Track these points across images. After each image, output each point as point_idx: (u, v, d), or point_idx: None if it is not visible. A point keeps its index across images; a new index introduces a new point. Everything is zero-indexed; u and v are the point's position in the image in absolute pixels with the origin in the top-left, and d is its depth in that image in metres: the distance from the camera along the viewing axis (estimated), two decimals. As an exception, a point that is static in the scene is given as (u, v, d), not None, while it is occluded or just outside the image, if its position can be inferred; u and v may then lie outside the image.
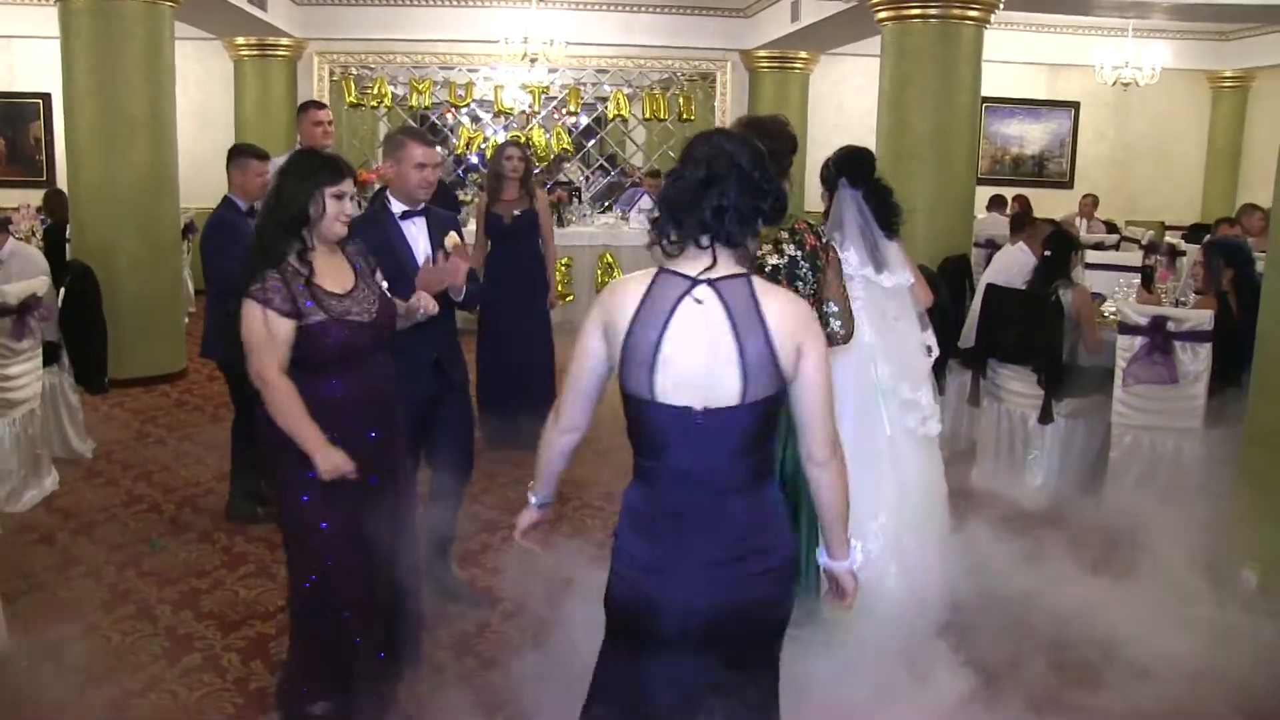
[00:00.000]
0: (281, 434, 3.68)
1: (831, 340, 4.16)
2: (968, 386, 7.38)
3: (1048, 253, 7.01)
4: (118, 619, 4.98)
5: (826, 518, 2.85)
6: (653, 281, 2.70)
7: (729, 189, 2.64)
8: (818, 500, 2.83)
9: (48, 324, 6.83)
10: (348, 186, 3.78)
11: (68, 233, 9.96)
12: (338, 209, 3.75)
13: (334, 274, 3.82)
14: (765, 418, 2.71)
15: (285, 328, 3.65)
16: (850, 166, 5.25)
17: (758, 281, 2.69)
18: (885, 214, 5.13)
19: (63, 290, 7.19)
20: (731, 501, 2.73)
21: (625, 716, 2.89)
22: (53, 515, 6.35)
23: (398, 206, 4.91)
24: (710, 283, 2.65)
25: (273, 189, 3.81)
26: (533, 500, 3.17)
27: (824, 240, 4.34)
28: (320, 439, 3.65)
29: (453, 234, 4.89)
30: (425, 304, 4.35)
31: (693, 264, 2.68)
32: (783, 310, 2.66)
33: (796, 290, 4.14)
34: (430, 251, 4.86)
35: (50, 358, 7.04)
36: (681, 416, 2.66)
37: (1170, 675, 4.44)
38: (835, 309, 4.29)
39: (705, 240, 2.67)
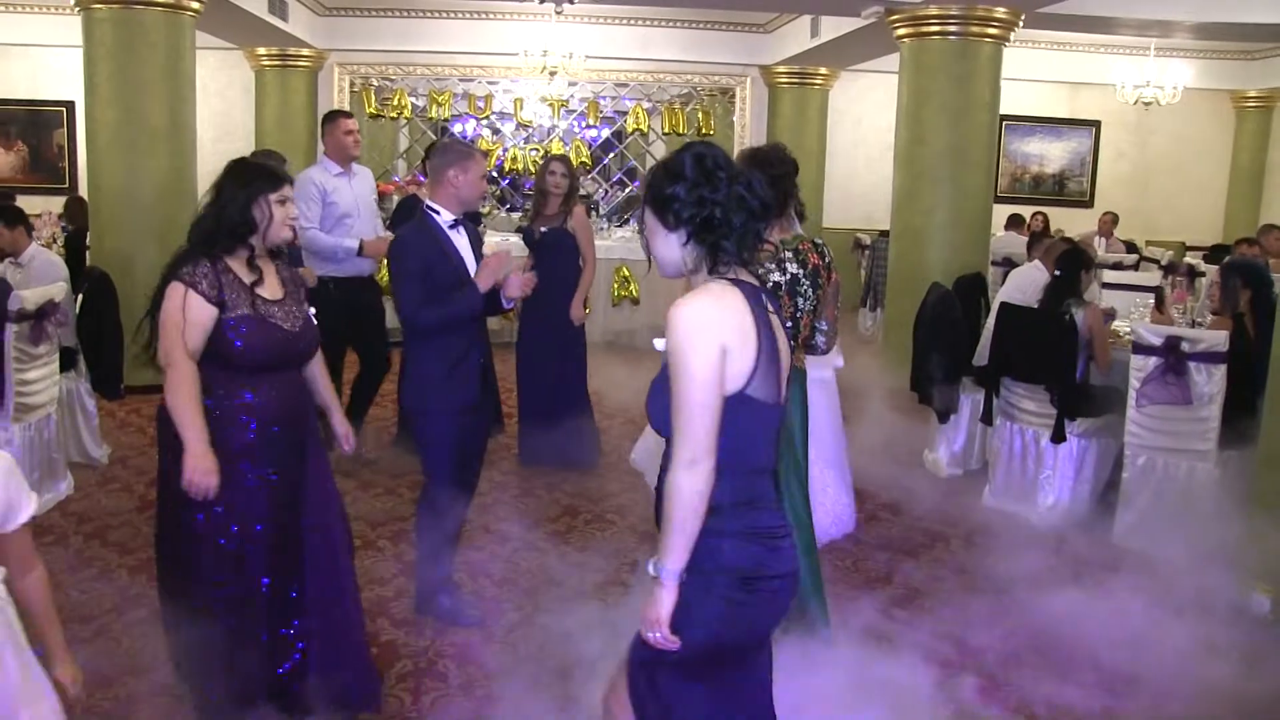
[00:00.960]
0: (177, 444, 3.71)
1: (812, 351, 4.70)
2: (981, 405, 7.36)
3: (1058, 271, 7.01)
4: (129, 623, 5.01)
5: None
6: (740, 289, 2.70)
7: (746, 221, 2.72)
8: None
9: (65, 329, 6.88)
10: (288, 192, 3.87)
11: (87, 240, 10.01)
12: (283, 214, 3.83)
13: (269, 283, 3.91)
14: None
15: (205, 314, 3.69)
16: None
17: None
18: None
19: (80, 296, 7.23)
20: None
21: None
22: (67, 519, 6.39)
23: (446, 216, 4.97)
24: (760, 289, 2.76)
25: (214, 196, 3.85)
26: (670, 571, 2.69)
27: (827, 260, 4.56)
28: (202, 439, 3.68)
29: (488, 242, 4.99)
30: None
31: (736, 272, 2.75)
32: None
33: (796, 306, 4.42)
34: (475, 259, 5.00)
35: (67, 363, 7.08)
36: (778, 414, 2.78)
37: (1179, 695, 4.43)
38: (825, 327, 4.68)
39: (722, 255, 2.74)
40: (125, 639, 4.83)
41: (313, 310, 4.10)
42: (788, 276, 4.44)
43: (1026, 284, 7.62)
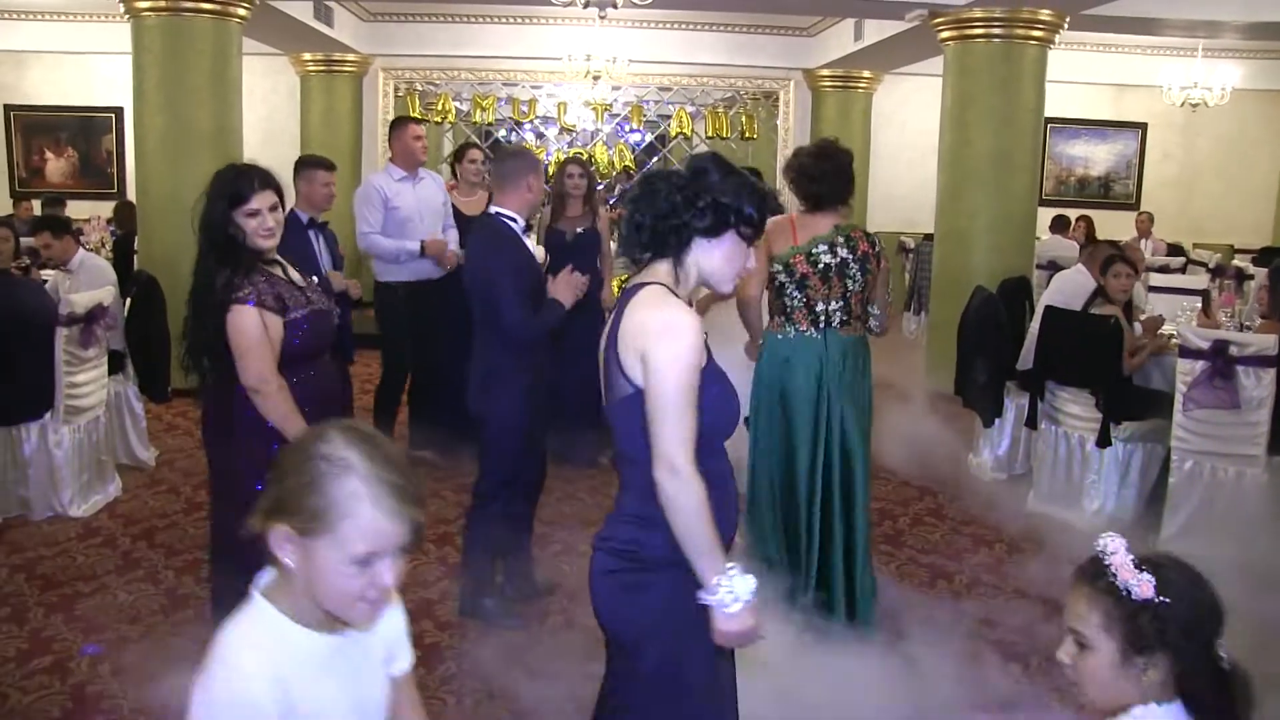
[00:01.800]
0: (256, 449, 3.75)
1: (868, 332, 5.10)
2: (1025, 409, 7.32)
3: (1088, 277, 7.03)
4: (175, 622, 5.07)
5: (686, 549, 2.68)
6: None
7: (646, 208, 2.79)
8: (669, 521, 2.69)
9: (113, 333, 6.95)
10: (258, 202, 3.84)
11: (135, 244, 10.11)
12: (256, 225, 3.83)
13: (292, 270, 4.02)
14: (634, 416, 2.71)
15: (276, 327, 3.79)
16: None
17: (646, 290, 2.78)
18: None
19: (128, 300, 7.30)
20: (620, 493, 2.88)
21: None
22: (115, 520, 6.47)
23: (520, 223, 5.05)
24: (625, 289, 2.85)
25: (200, 216, 3.88)
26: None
27: (877, 249, 4.98)
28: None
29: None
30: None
31: (638, 277, 2.87)
32: (639, 315, 2.72)
33: (846, 287, 4.83)
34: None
35: (115, 366, 7.16)
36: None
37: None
38: (877, 311, 5.11)
39: (642, 256, 2.87)
40: (173, 639, 4.87)
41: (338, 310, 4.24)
42: (837, 260, 4.86)
43: (1068, 288, 7.57)
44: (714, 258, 2.79)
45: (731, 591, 2.65)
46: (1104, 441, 6.67)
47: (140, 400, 7.47)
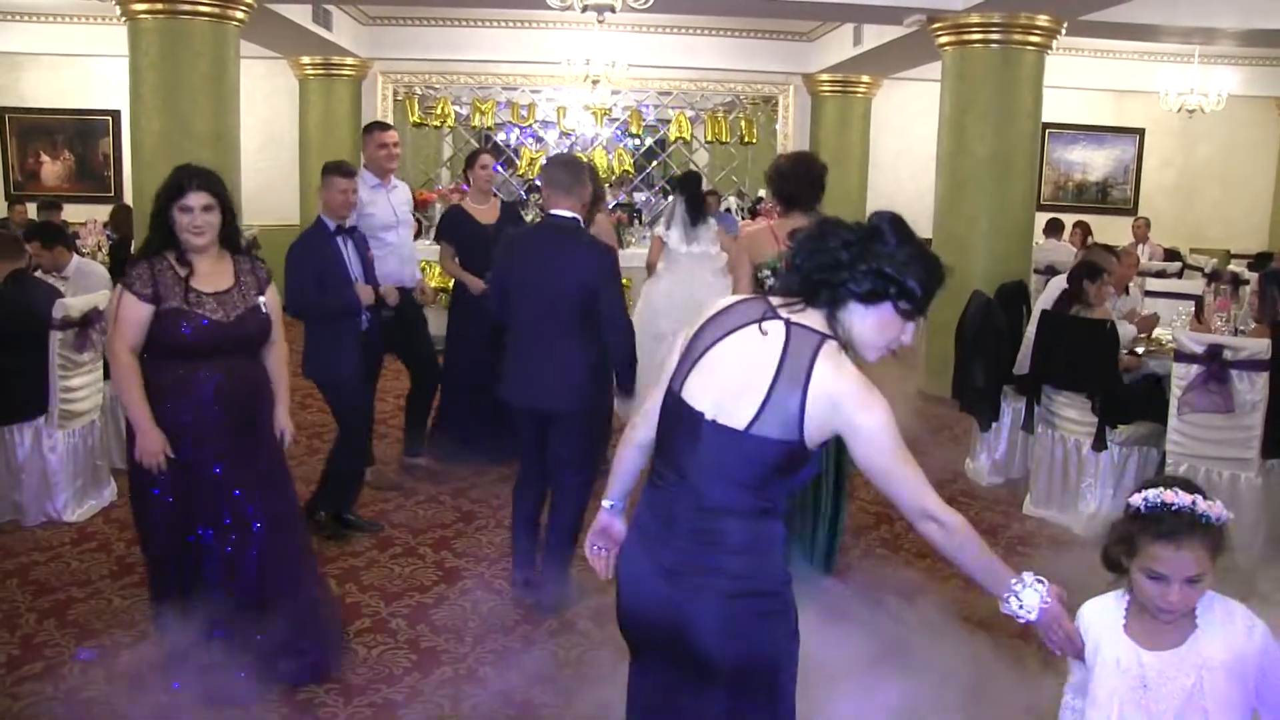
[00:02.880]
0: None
1: None
2: (1022, 413, 7.33)
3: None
4: (169, 628, 5.05)
5: (972, 574, 2.74)
6: (743, 300, 2.80)
7: (807, 254, 2.70)
8: (951, 555, 2.71)
9: (107, 337, 6.94)
10: (192, 200, 4.19)
11: (132, 248, 10.09)
12: (186, 221, 4.18)
13: (210, 276, 4.27)
14: (764, 457, 2.64)
15: (140, 311, 4.14)
16: (680, 183, 9.26)
17: (829, 345, 2.64)
18: (694, 211, 8.61)
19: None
20: (712, 523, 2.70)
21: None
22: (110, 525, 6.44)
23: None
24: (788, 323, 2.66)
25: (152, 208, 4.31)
26: (606, 504, 3.10)
27: None
28: (147, 421, 4.16)
29: None
30: None
31: (792, 310, 2.69)
32: (834, 380, 2.60)
33: None
34: None
35: (110, 371, 7.14)
36: (693, 419, 2.69)
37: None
38: None
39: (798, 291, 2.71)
40: (167, 644, 4.86)
41: (263, 300, 4.39)
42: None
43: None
44: (866, 325, 2.68)
45: (1021, 604, 2.68)
46: (1099, 445, 6.67)
47: (136, 404, 7.44)
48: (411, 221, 7.75)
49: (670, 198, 9.80)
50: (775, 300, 2.72)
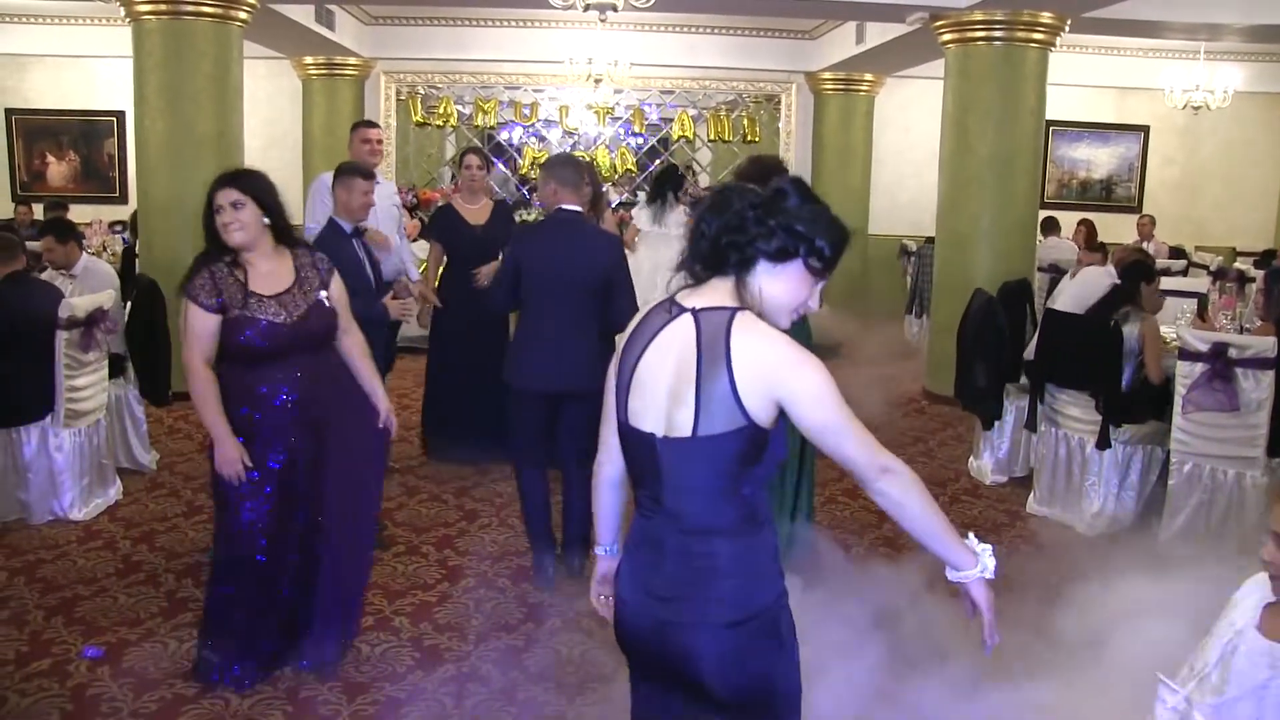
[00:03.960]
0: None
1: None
2: (1025, 412, 7.33)
3: (1119, 281, 7.00)
4: (176, 625, 5.06)
5: (920, 537, 2.66)
6: (650, 309, 2.68)
7: (707, 218, 2.60)
8: (902, 520, 2.64)
9: (113, 336, 6.95)
10: (220, 199, 4.21)
11: (136, 248, 10.12)
12: (218, 221, 4.21)
13: (268, 277, 4.27)
14: (724, 455, 2.54)
15: (209, 322, 4.15)
16: (655, 178, 10.48)
17: (741, 316, 2.52)
18: (663, 199, 9.69)
19: (129, 304, 7.30)
20: (693, 543, 2.61)
21: None
22: (116, 524, 6.47)
23: None
24: (694, 312, 2.56)
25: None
26: (599, 550, 2.98)
27: None
28: (225, 432, 4.17)
29: None
30: None
31: (698, 295, 2.61)
32: (755, 344, 2.50)
33: None
34: None
35: (116, 370, 7.17)
36: (646, 442, 2.60)
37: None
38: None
39: (702, 271, 2.62)
40: (172, 642, 4.88)
41: (324, 294, 4.38)
42: None
43: (1093, 286, 7.57)
44: (776, 286, 2.56)
45: (985, 566, 2.70)
46: (1104, 444, 6.67)
47: (141, 404, 7.47)
48: (397, 219, 7.71)
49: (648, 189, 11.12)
50: (678, 294, 2.63)
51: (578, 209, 5.66)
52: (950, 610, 4.99)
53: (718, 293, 2.57)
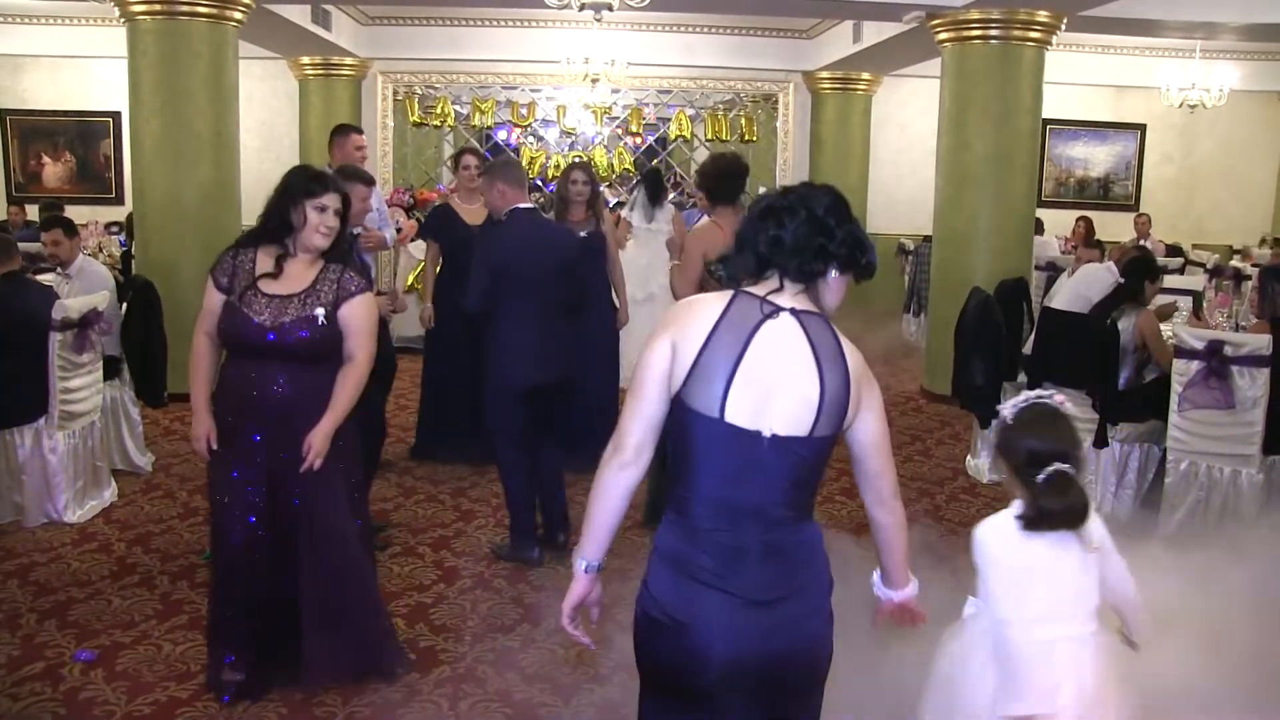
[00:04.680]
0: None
1: None
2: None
3: (1122, 278, 6.99)
4: (170, 628, 5.04)
5: (895, 557, 2.87)
6: (732, 300, 2.61)
7: (786, 222, 2.60)
8: (885, 540, 2.83)
9: (108, 337, 6.93)
10: (329, 200, 4.17)
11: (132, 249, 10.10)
12: (318, 220, 4.15)
13: (286, 278, 4.21)
14: (823, 455, 2.62)
15: (215, 298, 4.22)
16: (643, 177, 11.35)
17: (829, 322, 2.64)
18: (653, 198, 10.62)
19: (124, 305, 7.28)
20: (778, 537, 2.60)
21: None
22: (110, 526, 6.45)
23: None
24: (793, 311, 2.59)
25: (270, 199, 4.27)
26: (580, 565, 2.74)
27: None
28: (202, 406, 4.25)
29: None
30: None
31: (780, 295, 2.62)
32: (856, 357, 2.63)
33: None
34: None
35: (111, 371, 7.15)
36: (748, 440, 2.54)
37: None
38: None
39: (769, 273, 2.63)
40: (166, 645, 4.86)
41: (321, 311, 4.21)
42: None
43: (1095, 284, 7.55)
44: (831, 292, 2.65)
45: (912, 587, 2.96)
46: (1101, 442, 6.66)
47: (136, 405, 7.45)
48: (386, 221, 7.69)
49: (636, 189, 11.96)
50: (755, 290, 2.62)
51: (531, 206, 6.00)
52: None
53: (790, 294, 2.62)
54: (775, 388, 2.54)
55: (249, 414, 4.19)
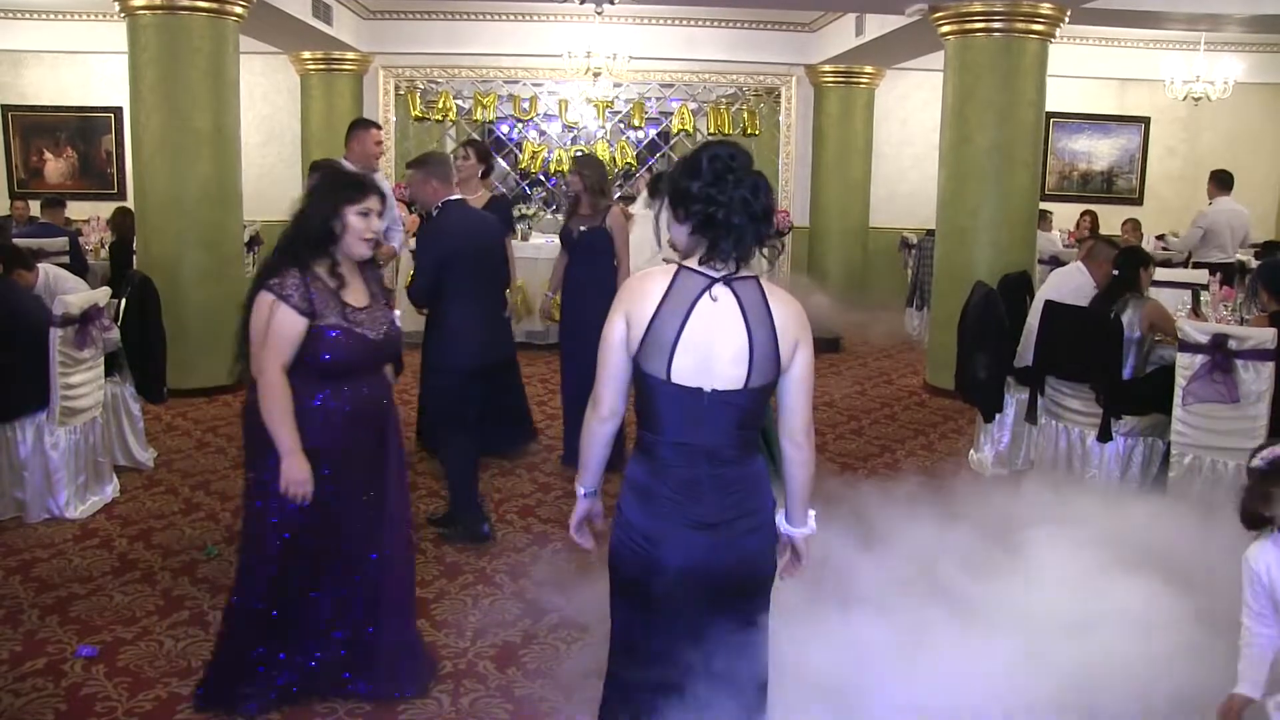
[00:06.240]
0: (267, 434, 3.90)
1: None
2: (1025, 404, 7.29)
3: (1116, 270, 6.95)
4: (172, 624, 5.05)
5: (796, 492, 3.20)
6: (675, 276, 3.02)
7: (746, 222, 3.00)
8: (789, 475, 3.19)
9: (109, 335, 6.91)
10: (372, 204, 3.97)
11: (134, 245, 10.07)
12: (362, 226, 3.95)
13: (356, 292, 4.02)
14: (761, 401, 3.07)
15: (296, 325, 3.85)
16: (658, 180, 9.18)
17: (765, 283, 3.05)
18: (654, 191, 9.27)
19: (123, 301, 7.25)
20: (726, 471, 3.07)
21: (641, 665, 3.22)
22: (112, 522, 6.45)
23: None
24: (726, 281, 3.00)
25: (301, 208, 4.02)
26: (581, 491, 3.30)
27: None
28: (296, 447, 3.87)
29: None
30: None
31: (710, 266, 3.02)
32: (786, 310, 3.03)
33: None
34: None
35: (112, 368, 7.13)
36: (692, 396, 3.00)
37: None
38: None
39: (703, 246, 3.03)
40: (168, 641, 4.86)
41: (397, 314, 4.24)
42: None
43: (1068, 286, 7.53)
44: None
45: (813, 521, 3.27)
46: (1105, 436, 6.65)
47: (137, 401, 7.43)
48: (396, 217, 7.74)
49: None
50: (693, 264, 3.03)
51: (459, 197, 6.33)
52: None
53: (722, 264, 3.01)
54: (712, 350, 2.98)
55: (364, 431, 4.08)
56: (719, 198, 2.96)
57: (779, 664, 3.43)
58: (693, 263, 3.03)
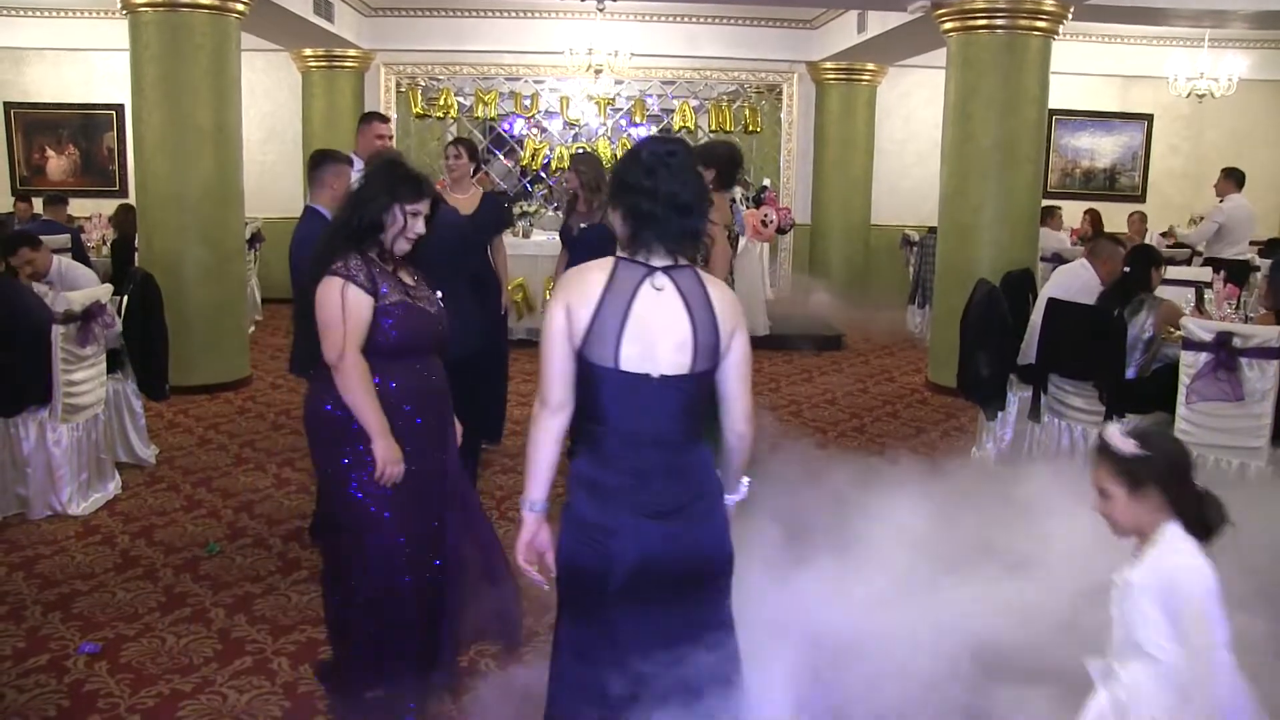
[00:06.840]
0: (338, 425, 3.85)
1: None
2: (1029, 402, 7.28)
3: (1127, 269, 6.94)
4: (173, 621, 5.04)
5: (731, 466, 3.25)
6: (615, 267, 3.06)
7: (671, 214, 3.03)
8: (727, 451, 3.23)
9: (111, 331, 6.90)
10: (424, 207, 3.96)
11: (136, 243, 10.07)
12: (411, 224, 3.94)
13: (404, 272, 4.03)
14: (704, 386, 3.08)
15: (366, 305, 3.82)
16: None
17: (701, 273, 3.10)
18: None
19: (125, 298, 7.25)
20: (674, 458, 3.08)
21: (593, 671, 3.12)
22: (114, 518, 6.44)
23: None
24: (666, 271, 3.04)
25: (355, 191, 4.01)
26: (527, 507, 3.17)
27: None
28: (386, 427, 3.82)
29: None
30: None
31: (649, 256, 3.06)
32: (723, 297, 3.08)
33: None
34: None
35: (114, 365, 7.12)
36: (640, 382, 3.00)
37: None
38: None
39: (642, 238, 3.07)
40: (170, 638, 4.86)
41: (440, 294, 4.20)
42: None
43: (1075, 284, 7.52)
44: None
45: (745, 489, 3.33)
46: (1107, 434, 6.62)
47: (139, 398, 7.42)
48: None
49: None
50: (630, 255, 3.06)
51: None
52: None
53: (661, 255, 3.06)
54: (657, 337, 3.00)
55: (422, 411, 4.03)
56: (648, 188, 3.00)
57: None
58: (631, 254, 3.06)
